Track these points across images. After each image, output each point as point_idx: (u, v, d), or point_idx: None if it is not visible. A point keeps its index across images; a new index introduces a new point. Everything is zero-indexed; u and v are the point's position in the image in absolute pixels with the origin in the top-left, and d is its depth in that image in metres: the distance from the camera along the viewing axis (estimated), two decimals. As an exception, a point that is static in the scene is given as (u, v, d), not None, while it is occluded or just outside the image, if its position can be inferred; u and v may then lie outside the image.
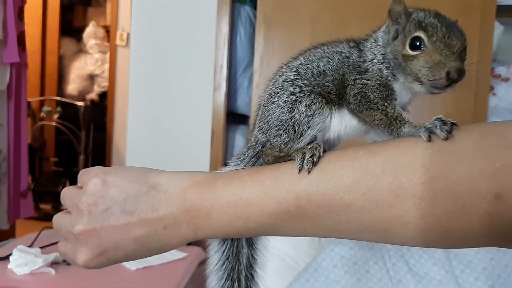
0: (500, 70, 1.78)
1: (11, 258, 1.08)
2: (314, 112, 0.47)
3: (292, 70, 0.49)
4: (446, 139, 0.39)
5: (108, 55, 3.58)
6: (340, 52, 0.48)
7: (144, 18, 2.11)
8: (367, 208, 0.41)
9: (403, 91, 0.46)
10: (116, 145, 3.33)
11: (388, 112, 0.45)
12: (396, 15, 0.45)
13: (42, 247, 1.15)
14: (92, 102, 3.76)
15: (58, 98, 3.62)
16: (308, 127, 0.47)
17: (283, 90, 0.48)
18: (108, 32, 3.65)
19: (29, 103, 2.85)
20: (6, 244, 1.34)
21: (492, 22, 1.67)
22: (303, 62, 0.49)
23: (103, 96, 3.72)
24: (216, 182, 0.47)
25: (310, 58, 0.49)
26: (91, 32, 3.82)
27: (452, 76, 0.41)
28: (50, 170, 3.73)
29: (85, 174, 0.50)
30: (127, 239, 0.46)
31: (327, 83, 0.47)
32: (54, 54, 3.84)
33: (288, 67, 0.50)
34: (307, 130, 0.47)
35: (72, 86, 3.86)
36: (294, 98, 0.47)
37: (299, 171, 0.44)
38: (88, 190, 0.47)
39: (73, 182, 3.61)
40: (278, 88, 0.49)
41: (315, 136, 0.47)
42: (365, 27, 0.51)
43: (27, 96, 2.27)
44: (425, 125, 0.41)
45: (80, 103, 3.47)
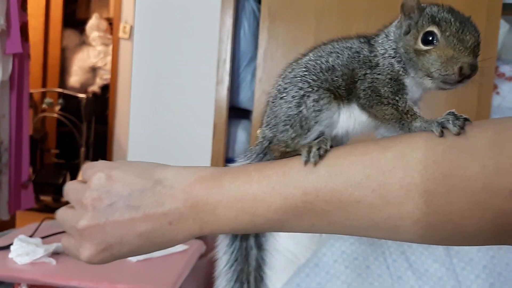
0: (504, 69, 1.77)
1: (12, 247, 1.08)
2: (322, 107, 0.46)
3: (301, 66, 0.49)
4: (459, 134, 0.39)
5: (110, 48, 3.57)
6: (350, 48, 0.48)
7: (148, 11, 2.11)
8: (378, 204, 0.40)
9: (414, 86, 0.46)
10: (117, 138, 3.33)
11: (399, 106, 0.44)
12: (408, 10, 0.45)
13: (43, 238, 1.15)
14: (94, 94, 3.76)
15: (60, 90, 3.62)
16: (316, 122, 0.46)
17: (292, 85, 0.48)
18: (111, 24, 3.64)
19: (31, 95, 2.85)
20: (7, 234, 1.34)
21: (498, 21, 1.66)
22: (312, 58, 0.49)
23: (105, 88, 3.72)
24: (222, 177, 0.46)
25: (319, 53, 0.49)
26: (94, 24, 3.82)
27: (464, 71, 0.41)
28: (51, 162, 3.74)
29: (89, 168, 0.49)
30: (131, 234, 0.45)
31: (336, 78, 0.47)
32: (57, 46, 3.83)
33: (297, 63, 0.50)
34: (314, 125, 0.46)
35: (74, 78, 3.86)
36: (302, 93, 0.47)
37: (305, 163, 0.44)
38: (93, 184, 0.46)
39: (74, 174, 3.63)
40: (287, 84, 0.49)
41: (322, 131, 0.47)
42: (370, 22, 0.51)
43: (29, 87, 2.27)
44: (437, 119, 0.40)
45: (82, 95, 3.47)
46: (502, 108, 1.76)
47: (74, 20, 4.04)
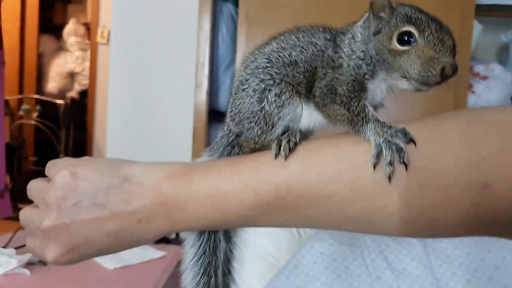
0: (479, 69, 1.81)
1: (-15, 258, 1.05)
2: (284, 102, 0.46)
3: (264, 57, 0.48)
4: (389, 176, 0.38)
5: (88, 53, 3.53)
6: (315, 44, 0.46)
7: (125, 15, 2.09)
8: (350, 199, 0.40)
9: (377, 90, 0.45)
10: (96, 143, 3.29)
11: (351, 106, 0.42)
12: (378, 9, 0.44)
13: (17, 248, 1.13)
14: (73, 100, 3.71)
15: (37, 97, 3.56)
16: (279, 118, 0.46)
17: (253, 77, 0.47)
18: (89, 29, 3.60)
19: (7, 101, 2.79)
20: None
21: (471, 21, 1.69)
22: (275, 49, 0.48)
23: (84, 94, 3.67)
24: (192, 173, 0.45)
25: (283, 45, 0.47)
26: (71, 30, 3.77)
27: (447, 72, 0.40)
28: (29, 169, 3.67)
29: (52, 166, 0.47)
30: (99, 234, 0.44)
31: (298, 74, 0.46)
32: (33, 52, 3.77)
33: (260, 52, 0.48)
34: (278, 121, 0.46)
35: (52, 84, 3.80)
36: (263, 86, 0.46)
37: (276, 157, 0.43)
38: (56, 183, 0.45)
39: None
40: (249, 74, 0.48)
41: (287, 126, 0.46)
42: (348, 25, 0.51)
43: (5, 94, 2.23)
44: (388, 135, 0.39)
45: (60, 101, 3.42)
46: (478, 107, 1.80)
47: (51, 25, 3.98)
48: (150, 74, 2.07)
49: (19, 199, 3.18)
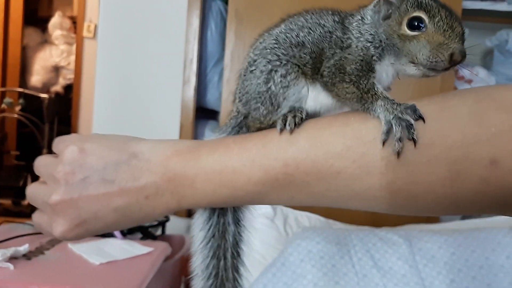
0: (464, 72, 1.84)
1: (-34, 252, 1.03)
2: (289, 83, 0.46)
3: (272, 38, 0.48)
4: (398, 153, 0.38)
5: (74, 47, 3.48)
6: (323, 25, 0.47)
7: (113, 9, 2.07)
8: (358, 175, 0.40)
9: (384, 73, 0.45)
10: (81, 139, 3.24)
11: (360, 84, 0.43)
12: None
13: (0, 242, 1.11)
14: (57, 94, 3.65)
15: (21, 90, 3.49)
16: (284, 98, 0.46)
17: (261, 57, 0.48)
18: (75, 23, 3.54)
19: (-11, 94, 2.74)
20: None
21: (457, 25, 1.71)
22: (283, 31, 0.48)
23: (68, 88, 3.62)
24: (200, 150, 0.45)
25: (291, 26, 0.48)
26: (57, 23, 3.70)
27: (455, 58, 0.40)
28: (11, 164, 3.60)
29: (60, 142, 0.47)
30: (107, 209, 0.44)
31: (304, 55, 0.46)
32: (17, 44, 3.70)
33: (269, 34, 0.49)
34: (283, 102, 0.46)
35: (36, 78, 3.73)
36: (270, 67, 0.47)
37: (281, 132, 0.43)
38: (65, 158, 0.45)
39: (35, 177, 3.48)
40: (257, 55, 0.48)
41: (292, 107, 0.46)
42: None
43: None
44: (398, 112, 0.39)
45: (44, 95, 3.36)
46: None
47: (36, 18, 3.91)
48: (137, 70, 2.05)
49: (0, 194, 3.12)
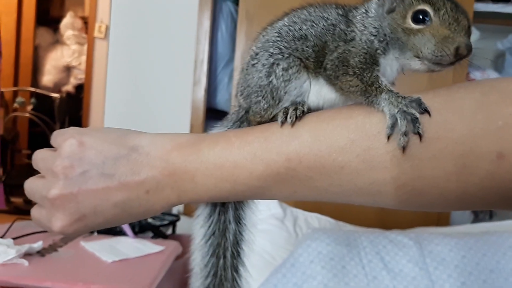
0: (475, 75, 1.83)
1: (-18, 248, 1.05)
2: (291, 77, 0.46)
3: (274, 31, 0.48)
4: (403, 147, 0.38)
5: (85, 47, 3.51)
6: (326, 18, 0.46)
7: (124, 10, 2.09)
8: (362, 170, 0.39)
9: (388, 68, 0.44)
10: (91, 138, 3.26)
11: (364, 77, 0.42)
12: None
13: (14, 238, 1.12)
14: (68, 94, 3.68)
15: (33, 89, 3.53)
16: (285, 92, 0.46)
17: (263, 51, 0.47)
18: (86, 23, 3.57)
19: (2, 93, 2.77)
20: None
21: (469, 28, 1.71)
22: (286, 24, 0.48)
23: (79, 88, 3.65)
24: (201, 144, 0.45)
25: (294, 19, 0.47)
26: (69, 23, 3.74)
27: (461, 52, 0.39)
28: (23, 162, 3.64)
29: (59, 135, 0.46)
30: (106, 204, 0.43)
31: (307, 48, 0.46)
32: (29, 44, 3.74)
33: (272, 27, 0.49)
34: (284, 96, 0.46)
35: (48, 78, 3.77)
36: (272, 60, 0.46)
37: (282, 124, 0.43)
38: (63, 152, 0.44)
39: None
40: (259, 48, 0.48)
41: (293, 101, 0.46)
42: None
43: (0, 86, 2.21)
44: (403, 105, 0.39)
45: (55, 95, 3.39)
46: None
47: (48, 18, 3.95)
48: (148, 70, 2.07)
49: (11, 192, 3.15)
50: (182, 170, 0.43)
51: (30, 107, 3.49)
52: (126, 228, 1.30)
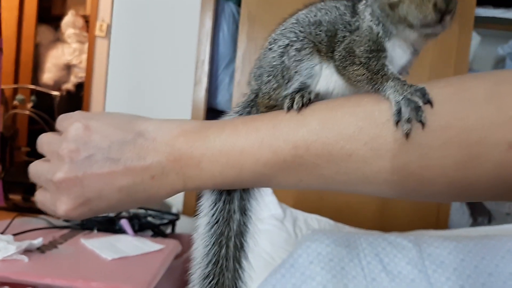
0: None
1: (-18, 244, 1.04)
2: (303, 57, 0.46)
3: (292, 19, 0.49)
4: (407, 134, 0.38)
5: (86, 46, 3.51)
6: (338, 8, 0.47)
7: (126, 9, 2.09)
8: (369, 158, 0.39)
9: (397, 49, 0.44)
10: (91, 137, 3.26)
11: (370, 65, 0.42)
12: None
13: (14, 235, 1.12)
14: (68, 92, 3.68)
15: (33, 87, 3.53)
16: (296, 72, 0.46)
17: (281, 36, 0.48)
18: (88, 22, 3.57)
19: (2, 91, 2.76)
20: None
21: (470, 33, 1.72)
22: (304, 12, 0.49)
23: (80, 86, 3.65)
24: (207, 130, 0.45)
25: (311, 9, 0.49)
26: (70, 21, 3.74)
27: (439, 6, 0.39)
28: (22, 160, 3.63)
29: (65, 119, 0.46)
30: (111, 188, 0.43)
31: (320, 32, 0.47)
32: (30, 41, 3.74)
33: (290, 17, 0.50)
34: (295, 75, 0.46)
35: (48, 75, 3.76)
36: (287, 42, 0.47)
37: (288, 110, 0.43)
38: (69, 135, 0.44)
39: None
40: (277, 35, 0.49)
41: (303, 82, 0.46)
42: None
43: (0, 83, 2.21)
44: (407, 93, 0.39)
45: (55, 92, 3.39)
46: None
47: (49, 16, 3.95)
48: (149, 70, 2.07)
49: (10, 189, 3.14)
50: (188, 156, 0.43)
51: (30, 105, 3.48)
52: (126, 226, 1.30)
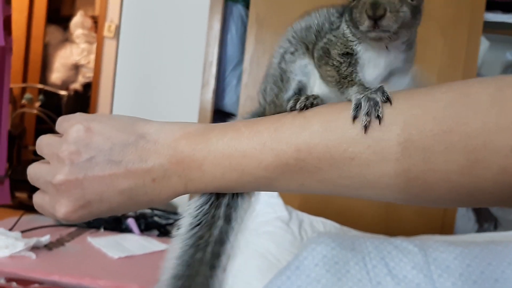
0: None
1: (-10, 240, 1.05)
2: (296, 58, 0.48)
3: (290, 28, 0.51)
4: (365, 126, 0.39)
5: (94, 46, 3.53)
6: (329, 10, 0.49)
7: (135, 10, 2.10)
8: (372, 161, 0.39)
9: (369, 50, 0.45)
10: (98, 137, 3.27)
11: (340, 69, 0.44)
12: None
13: (22, 232, 1.13)
14: (76, 92, 3.70)
15: (41, 86, 3.55)
16: (291, 71, 0.48)
17: (278, 48, 0.50)
18: (96, 23, 3.60)
19: (10, 90, 2.79)
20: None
21: (479, 38, 1.71)
22: (300, 21, 0.51)
23: (87, 86, 3.67)
24: (210, 133, 0.44)
25: (305, 16, 0.51)
26: (79, 22, 3.76)
27: (368, 13, 0.40)
28: (29, 158, 3.65)
29: (65, 120, 0.46)
30: (112, 191, 0.43)
31: (310, 34, 0.49)
32: (39, 41, 3.77)
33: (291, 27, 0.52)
34: (291, 75, 0.48)
35: (56, 75, 3.79)
36: (283, 50, 0.49)
37: (290, 109, 0.44)
38: (70, 137, 0.43)
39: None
40: (278, 46, 0.51)
41: (300, 81, 0.48)
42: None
43: (10, 82, 2.22)
44: (367, 93, 0.40)
45: (63, 92, 3.41)
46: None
47: (58, 17, 3.98)
48: (157, 71, 2.08)
49: (17, 188, 3.16)
50: (190, 158, 0.43)
51: (37, 104, 3.51)
52: (133, 225, 1.31)
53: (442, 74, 1.68)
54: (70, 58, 3.80)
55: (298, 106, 0.43)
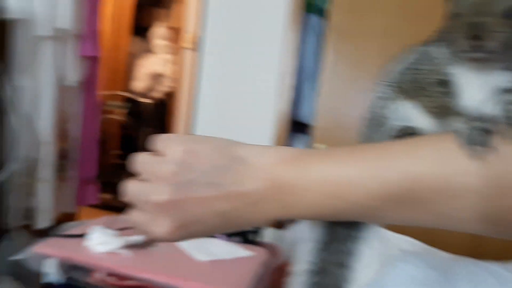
0: None
1: (92, 236, 1.13)
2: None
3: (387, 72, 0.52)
4: None
5: (175, 57, 3.68)
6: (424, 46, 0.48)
7: (215, 22, 2.17)
8: (492, 195, 0.36)
9: (466, 73, 0.43)
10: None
11: (436, 98, 0.44)
12: None
13: (118, 230, 1.19)
14: (156, 100, 3.87)
15: (125, 94, 3.75)
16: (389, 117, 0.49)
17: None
18: (177, 34, 3.75)
19: (100, 97, 2.96)
20: (79, 226, 1.40)
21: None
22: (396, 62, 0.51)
23: (167, 96, 3.82)
24: (310, 158, 0.43)
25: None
26: (160, 33, 3.95)
27: (470, 33, 0.39)
28: (113, 162, 3.85)
29: (163, 140, 0.46)
30: (210, 213, 0.43)
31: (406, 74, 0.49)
32: (124, 51, 3.98)
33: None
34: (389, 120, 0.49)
35: (138, 84, 3.99)
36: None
37: (395, 138, 0.45)
38: (171, 158, 0.43)
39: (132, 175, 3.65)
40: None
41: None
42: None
43: (99, 89, 2.37)
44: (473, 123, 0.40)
45: (144, 100, 3.57)
46: None
47: (140, 27, 4.20)
48: (235, 81, 2.13)
49: (102, 189, 3.34)
50: (289, 184, 0.42)
51: (122, 111, 3.70)
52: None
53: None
54: (151, 68, 3.99)
55: (401, 133, 0.44)
